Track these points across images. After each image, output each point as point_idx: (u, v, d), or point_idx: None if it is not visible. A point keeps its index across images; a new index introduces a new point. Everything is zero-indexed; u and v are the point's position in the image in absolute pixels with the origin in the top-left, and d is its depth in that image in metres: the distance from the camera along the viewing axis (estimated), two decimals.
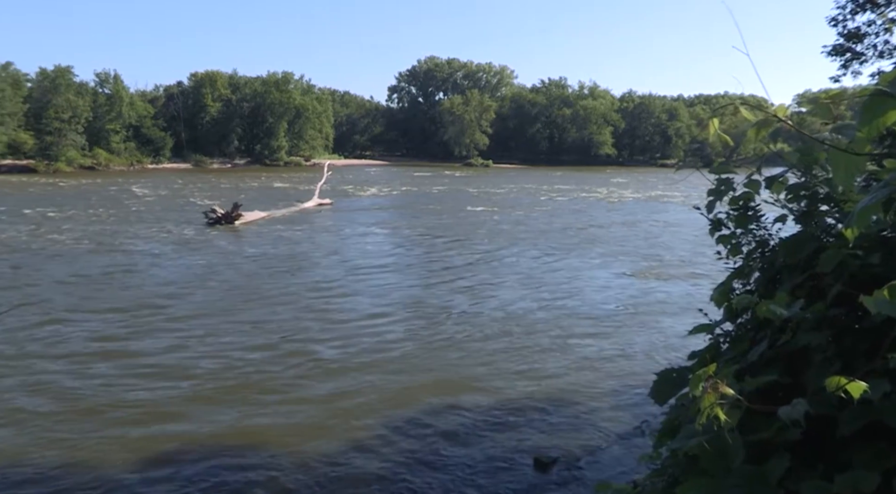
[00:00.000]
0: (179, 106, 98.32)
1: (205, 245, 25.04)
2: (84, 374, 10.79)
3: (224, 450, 8.24)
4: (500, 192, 53.64)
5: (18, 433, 8.66)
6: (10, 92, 79.18)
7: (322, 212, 37.25)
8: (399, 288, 17.70)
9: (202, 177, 71.98)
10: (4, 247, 23.62)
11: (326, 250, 24.23)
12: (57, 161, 79.23)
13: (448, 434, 8.73)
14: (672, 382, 2.91)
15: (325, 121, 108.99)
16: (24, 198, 45.18)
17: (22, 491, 7.29)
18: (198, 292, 16.94)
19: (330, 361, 11.54)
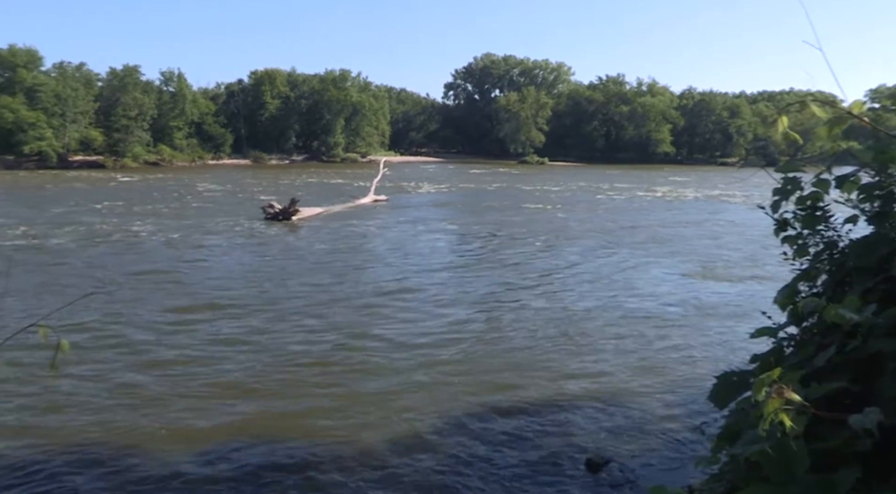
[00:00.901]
0: (240, 103, 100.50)
1: (262, 240, 25.55)
2: (144, 363, 11.14)
3: (271, 443, 8.39)
4: (556, 190, 53.18)
5: (83, 416, 8.99)
6: (82, 91, 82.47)
7: (377, 209, 37.57)
8: (454, 286, 17.69)
9: (261, 172, 73.48)
10: (76, 240, 24.62)
11: (381, 247, 24.44)
12: (124, 157, 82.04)
13: (501, 432, 8.70)
14: (732, 385, 2.84)
15: (381, 118, 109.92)
16: (94, 192, 46.93)
17: (87, 472, 7.57)
18: (254, 286, 17.29)
19: (384, 358, 11.62)
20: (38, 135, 76.42)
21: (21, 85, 79.26)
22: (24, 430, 8.62)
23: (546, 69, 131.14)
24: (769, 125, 1.91)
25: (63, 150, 79.21)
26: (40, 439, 8.39)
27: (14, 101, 76.54)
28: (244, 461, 7.90)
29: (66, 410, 9.22)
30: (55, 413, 9.14)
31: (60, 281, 17.76)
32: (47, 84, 80.00)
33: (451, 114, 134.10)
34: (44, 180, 59.17)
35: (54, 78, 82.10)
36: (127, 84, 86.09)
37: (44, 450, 8.11)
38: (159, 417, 9.04)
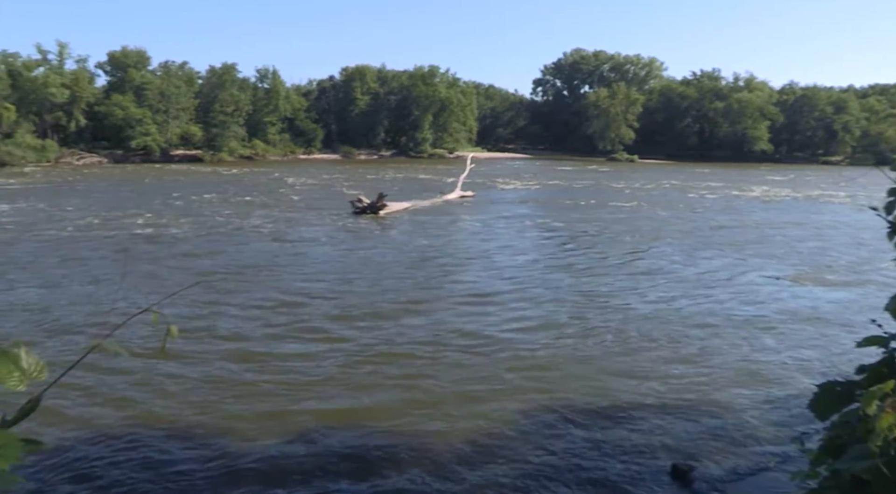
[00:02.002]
0: (330, 99, 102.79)
1: (351, 234, 26.07)
2: (239, 352, 11.58)
3: (354, 434, 8.55)
4: (646, 188, 51.88)
5: (184, 397, 9.43)
6: (184, 88, 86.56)
7: (464, 205, 37.63)
8: (542, 285, 17.48)
9: (350, 167, 74.99)
10: (181, 231, 25.91)
11: (468, 243, 24.46)
12: (220, 151, 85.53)
13: (585, 435, 8.57)
14: (836, 397, 2.69)
15: (469, 114, 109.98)
16: (194, 185, 49.12)
17: (183, 449, 7.93)
18: (343, 280, 17.66)
19: (470, 354, 11.64)
20: (144, 131, 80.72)
21: (131, 84, 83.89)
22: (129, 406, 9.12)
23: (637, 64, 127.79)
24: (882, 120, 1.75)
25: (165, 145, 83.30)
26: (143, 416, 8.86)
27: (124, 99, 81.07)
28: (327, 450, 8.09)
29: (169, 391, 9.71)
30: (159, 392, 9.63)
31: (169, 269, 18.77)
32: (153, 82, 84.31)
33: (539, 111, 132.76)
34: (148, 173, 62.42)
35: (160, 77, 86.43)
36: (225, 81, 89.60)
37: (147, 425, 8.56)
38: (250, 403, 9.38)
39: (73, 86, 79.27)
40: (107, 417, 8.87)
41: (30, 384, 1.33)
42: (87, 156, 79.13)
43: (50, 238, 23.93)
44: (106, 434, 8.41)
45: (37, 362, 1.33)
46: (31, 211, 31.94)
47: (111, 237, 24.20)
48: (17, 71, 77.12)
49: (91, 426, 8.58)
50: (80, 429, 8.44)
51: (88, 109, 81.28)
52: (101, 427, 8.56)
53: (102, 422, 8.71)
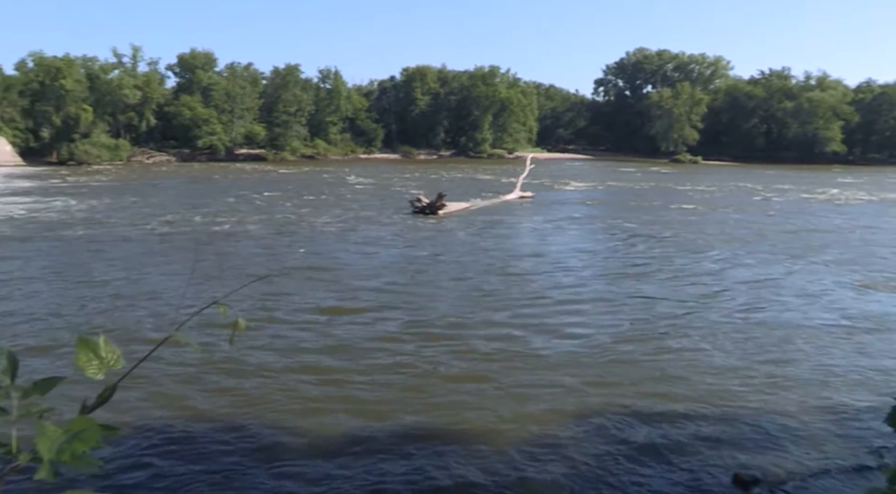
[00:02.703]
0: (391, 99, 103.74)
1: (410, 233, 26.23)
2: (300, 348, 11.79)
3: (410, 430, 8.60)
4: (709, 190, 50.65)
5: (251, 388, 9.66)
6: (249, 89, 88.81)
7: (523, 205, 37.44)
8: (602, 287, 17.18)
9: (409, 167, 75.50)
10: (247, 227, 26.65)
11: (527, 244, 24.33)
12: (283, 150, 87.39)
13: (644, 441, 8.39)
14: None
15: (529, 115, 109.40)
16: (258, 183, 50.36)
17: (240, 437, 8.12)
18: (403, 279, 17.78)
19: (530, 356, 11.55)
20: (210, 131, 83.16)
21: (198, 85, 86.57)
22: (188, 397, 9.40)
23: (703, 63, 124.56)
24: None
25: (230, 144, 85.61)
26: (200, 408, 9.11)
27: (192, 100, 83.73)
28: (375, 448, 8.15)
29: (227, 385, 9.95)
30: (218, 385, 9.88)
31: (235, 265, 19.38)
32: (219, 83, 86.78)
33: (600, 111, 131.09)
34: (214, 171, 64.19)
35: (226, 78, 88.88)
36: (288, 82, 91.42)
37: (202, 417, 8.79)
38: (302, 400, 9.54)
39: (145, 87, 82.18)
40: (166, 408, 9.14)
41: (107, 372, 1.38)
42: (157, 155, 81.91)
43: (123, 233, 24.94)
44: (164, 423, 8.67)
45: (114, 352, 1.38)
46: (105, 207, 33.27)
47: (181, 233, 25.05)
48: (95, 74, 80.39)
49: (151, 416, 8.85)
50: (142, 418, 8.71)
51: (158, 110, 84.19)
52: (160, 418, 8.83)
53: (162, 413, 8.98)
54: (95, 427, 1.24)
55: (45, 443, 1.18)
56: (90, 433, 1.21)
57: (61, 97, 75.53)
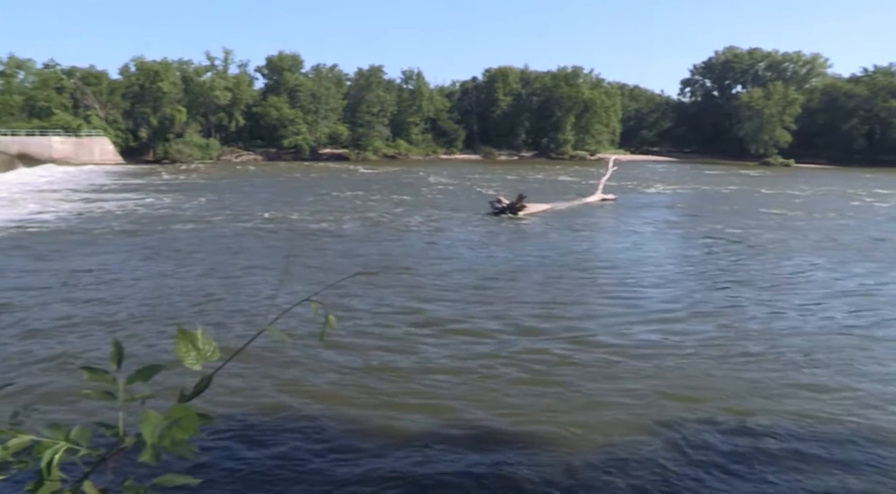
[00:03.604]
0: (473, 100, 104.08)
1: (490, 234, 26.22)
2: (382, 346, 11.96)
3: (481, 432, 8.58)
4: (801, 195, 48.46)
5: (337, 383, 9.87)
6: (333, 90, 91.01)
7: (605, 208, 36.85)
8: (686, 294, 16.64)
9: (490, 168, 75.49)
10: (332, 225, 27.34)
11: (607, 247, 23.89)
12: (365, 150, 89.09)
13: (720, 460, 8.05)
14: None
15: (612, 116, 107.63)
16: (341, 182, 51.53)
17: (327, 430, 8.29)
18: (478, 282, 17.77)
19: (606, 363, 11.34)
20: (296, 130, 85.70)
21: (285, 86, 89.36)
22: (277, 392, 9.67)
23: (798, 62, 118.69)
24: None
25: (314, 144, 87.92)
26: (286, 403, 9.36)
27: (279, 100, 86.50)
28: (453, 444, 8.17)
29: (317, 381, 10.19)
30: (306, 381, 10.13)
31: (323, 263, 19.89)
32: (305, 84, 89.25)
33: (687, 112, 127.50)
34: (299, 170, 66.04)
35: (311, 79, 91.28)
36: (371, 83, 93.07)
37: (288, 413, 9.03)
38: (383, 398, 9.66)
39: (235, 89, 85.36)
40: (252, 399, 9.43)
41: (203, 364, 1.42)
42: (245, 154, 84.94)
43: (217, 229, 26.09)
44: (249, 413, 8.95)
45: (211, 344, 1.42)
46: (202, 205, 34.81)
47: (273, 231, 25.96)
48: (190, 76, 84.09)
49: (237, 406, 9.14)
50: (229, 408, 9.01)
51: (247, 110, 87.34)
52: (246, 408, 9.11)
53: (248, 403, 9.26)
54: (193, 416, 1.28)
55: (148, 428, 1.23)
56: (189, 421, 1.26)
57: (158, 99, 79.34)
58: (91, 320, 13.19)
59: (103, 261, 19.31)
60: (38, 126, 72.50)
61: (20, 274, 17.45)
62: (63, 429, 1.28)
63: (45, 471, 1.22)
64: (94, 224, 27.21)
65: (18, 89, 79.86)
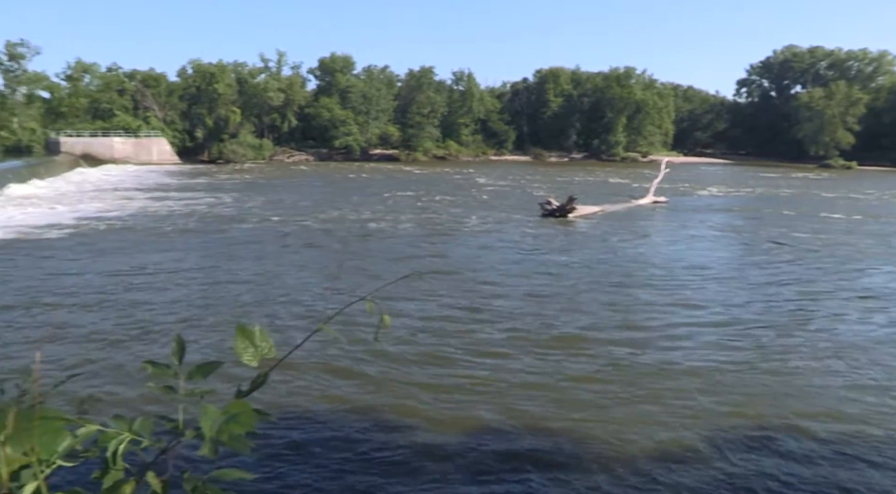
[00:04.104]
0: (523, 101, 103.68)
1: (540, 236, 26.06)
2: (431, 348, 12.01)
3: (540, 437, 8.53)
4: (866, 198, 46.81)
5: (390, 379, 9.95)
6: (384, 91, 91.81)
7: (656, 210, 36.24)
8: (742, 301, 16.08)
9: (539, 169, 75.08)
10: (384, 225, 27.68)
11: (659, 250, 23.43)
12: (415, 151, 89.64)
13: (773, 471, 7.87)
14: None
15: (665, 117, 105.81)
16: (390, 182, 51.96)
17: (376, 429, 8.36)
18: (529, 284, 17.68)
19: (656, 371, 11.14)
20: (347, 131, 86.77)
21: (337, 87, 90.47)
22: (332, 387, 9.79)
23: (863, 60, 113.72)
24: None
25: (365, 144, 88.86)
26: (341, 399, 9.47)
27: (331, 101, 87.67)
28: (508, 451, 8.15)
29: (373, 378, 10.29)
30: (363, 377, 10.24)
31: (375, 263, 20.20)
32: (357, 86, 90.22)
33: (742, 113, 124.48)
34: (350, 170, 66.81)
35: (363, 80, 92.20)
36: (422, 84, 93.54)
37: (341, 408, 9.14)
38: (439, 397, 9.69)
39: (288, 90, 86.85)
40: (306, 396, 9.57)
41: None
42: (296, 154, 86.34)
43: (272, 228, 26.70)
44: (304, 410, 9.08)
45: (268, 341, 1.45)
46: (254, 203, 35.58)
47: (325, 230, 26.42)
48: (244, 78, 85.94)
49: (293, 404, 9.28)
50: (284, 405, 9.16)
51: (299, 111, 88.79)
52: (300, 406, 9.24)
53: (303, 401, 9.40)
54: (250, 412, 1.29)
55: (207, 422, 1.25)
56: (246, 416, 1.28)
57: (214, 100, 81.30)
58: (150, 316, 13.57)
59: (162, 259, 19.85)
60: (101, 127, 75.07)
61: (84, 271, 18.09)
62: (127, 421, 1.31)
63: (110, 460, 1.26)
64: (155, 222, 28.03)
65: (84, 92, 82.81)
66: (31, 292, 15.45)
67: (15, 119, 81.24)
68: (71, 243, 22.40)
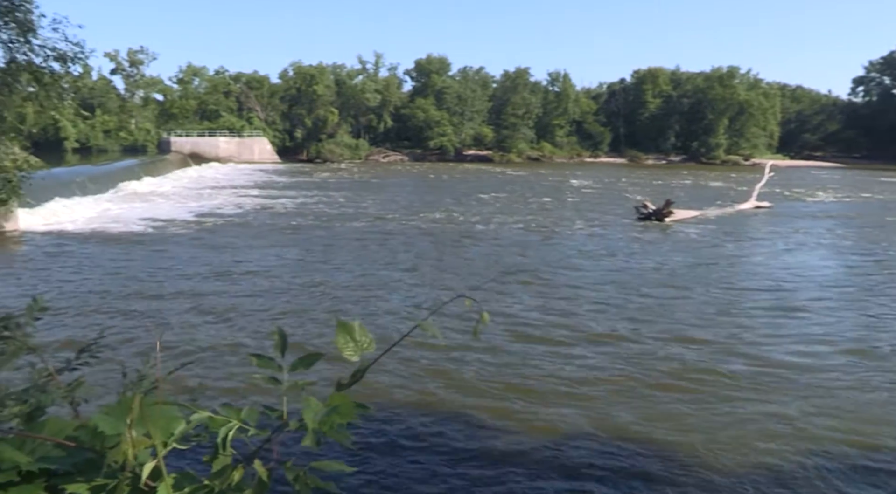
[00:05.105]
0: (620, 102, 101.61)
1: (634, 240, 25.48)
2: (521, 351, 11.96)
3: (630, 442, 8.34)
4: None
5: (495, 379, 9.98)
6: (479, 92, 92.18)
7: (758, 216, 34.63)
8: (846, 315, 15.12)
9: (635, 172, 73.37)
10: (472, 225, 27.76)
11: (761, 259, 22.19)
12: (509, 152, 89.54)
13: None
14: None
15: (770, 118, 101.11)
16: (484, 183, 52.11)
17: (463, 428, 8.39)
18: (625, 290, 17.32)
19: (750, 381, 10.70)
20: (442, 132, 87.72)
21: (432, 88, 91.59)
22: (424, 384, 9.91)
23: None
24: None
25: (459, 145, 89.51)
26: (433, 394, 9.56)
27: (426, 102, 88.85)
28: (586, 454, 8.01)
29: (464, 376, 10.36)
30: (454, 374, 10.33)
31: (474, 261, 20.48)
32: (452, 87, 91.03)
33: (858, 113, 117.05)
34: (444, 171, 67.43)
35: (458, 81, 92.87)
36: (517, 85, 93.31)
37: (432, 404, 9.22)
38: (527, 398, 9.66)
39: (384, 91, 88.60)
40: (402, 392, 9.71)
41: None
42: (391, 155, 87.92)
43: (374, 226, 27.42)
44: (398, 405, 9.22)
45: (368, 336, 1.47)
46: (354, 202, 36.58)
47: (422, 229, 26.93)
48: (342, 79, 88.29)
49: (386, 399, 9.44)
50: (378, 400, 9.33)
51: (395, 112, 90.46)
52: (393, 401, 9.39)
53: (395, 397, 9.55)
54: (351, 404, 1.32)
55: (309, 414, 1.29)
56: (347, 408, 1.31)
57: (313, 101, 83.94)
58: (254, 309, 14.18)
59: (266, 254, 20.73)
60: (207, 127, 78.97)
61: (195, 263, 19.10)
62: (235, 409, 1.35)
63: (220, 446, 1.30)
64: (259, 218, 29.28)
65: (193, 94, 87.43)
66: (144, 283, 16.42)
67: (133, 120, 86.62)
68: (183, 239, 23.63)
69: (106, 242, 22.42)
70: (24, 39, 7.77)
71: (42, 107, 20.12)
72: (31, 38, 7.52)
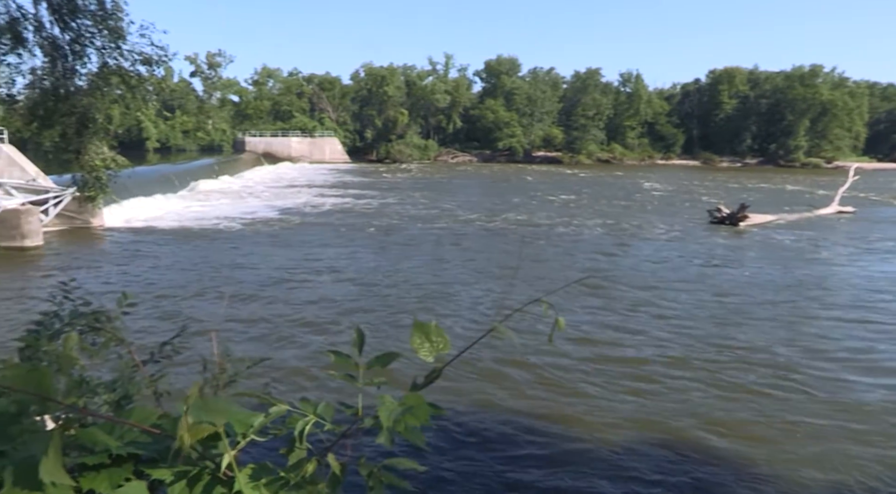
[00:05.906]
0: (694, 103, 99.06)
1: (706, 245, 24.79)
2: (597, 356, 11.81)
3: (702, 448, 8.13)
4: None
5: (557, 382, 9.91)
6: (549, 93, 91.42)
7: (840, 221, 33.14)
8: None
9: (709, 174, 71.37)
10: (543, 228, 27.55)
11: (842, 267, 21.19)
12: (579, 154, 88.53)
13: None
14: None
15: (856, 119, 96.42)
16: (554, 185, 51.66)
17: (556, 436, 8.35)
18: (697, 294, 16.91)
19: (827, 392, 10.35)
20: (511, 133, 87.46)
21: (502, 89, 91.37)
22: (499, 385, 9.91)
23: None
24: None
25: (528, 146, 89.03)
26: (503, 396, 9.55)
27: (495, 103, 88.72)
28: (653, 460, 7.86)
29: (545, 378, 10.33)
30: (530, 378, 10.29)
31: (548, 265, 20.35)
32: (521, 88, 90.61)
33: None
34: (513, 172, 67.22)
35: (528, 82, 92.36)
36: (588, 85, 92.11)
37: (499, 407, 9.21)
38: (590, 400, 9.53)
39: (454, 92, 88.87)
40: (472, 393, 9.74)
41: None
42: (460, 155, 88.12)
43: (447, 227, 27.67)
44: (469, 405, 9.24)
45: (443, 337, 1.48)
46: (427, 202, 36.96)
47: (495, 231, 27.04)
48: (412, 80, 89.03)
49: (459, 400, 9.47)
50: (451, 401, 9.38)
51: (464, 113, 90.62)
52: (466, 401, 9.42)
53: (468, 398, 9.56)
54: (425, 405, 1.32)
55: (385, 412, 1.29)
56: (421, 409, 1.31)
57: (383, 102, 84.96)
58: (326, 307, 14.45)
59: (339, 253, 21.11)
60: (280, 127, 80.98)
61: (274, 260, 19.66)
62: (312, 404, 1.37)
63: (297, 439, 1.31)
64: (331, 218, 29.87)
65: (267, 95, 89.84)
66: (222, 278, 16.98)
67: (210, 121, 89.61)
68: (258, 236, 24.28)
69: (186, 238, 23.26)
70: (115, 45, 8.15)
71: (128, 109, 21.08)
72: (121, 43, 7.90)
